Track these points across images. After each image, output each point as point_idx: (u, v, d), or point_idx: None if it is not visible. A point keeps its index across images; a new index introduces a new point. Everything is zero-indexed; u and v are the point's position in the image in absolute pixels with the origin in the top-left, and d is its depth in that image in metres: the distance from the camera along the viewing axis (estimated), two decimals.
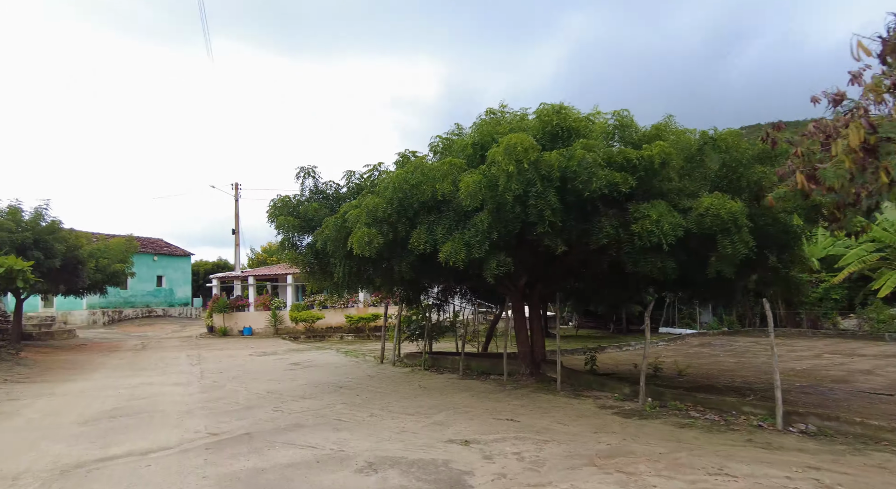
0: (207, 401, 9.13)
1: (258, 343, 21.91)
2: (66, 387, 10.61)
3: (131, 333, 27.35)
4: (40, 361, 14.77)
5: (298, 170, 9.92)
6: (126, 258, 21.32)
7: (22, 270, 12.08)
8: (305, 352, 17.92)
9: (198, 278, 41.35)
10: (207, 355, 17.53)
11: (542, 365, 10.89)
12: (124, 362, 15.72)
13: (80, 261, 16.16)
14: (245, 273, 26.86)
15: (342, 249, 8.52)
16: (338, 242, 8.44)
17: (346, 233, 8.24)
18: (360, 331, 24.49)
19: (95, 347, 20.57)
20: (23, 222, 13.99)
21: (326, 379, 11.70)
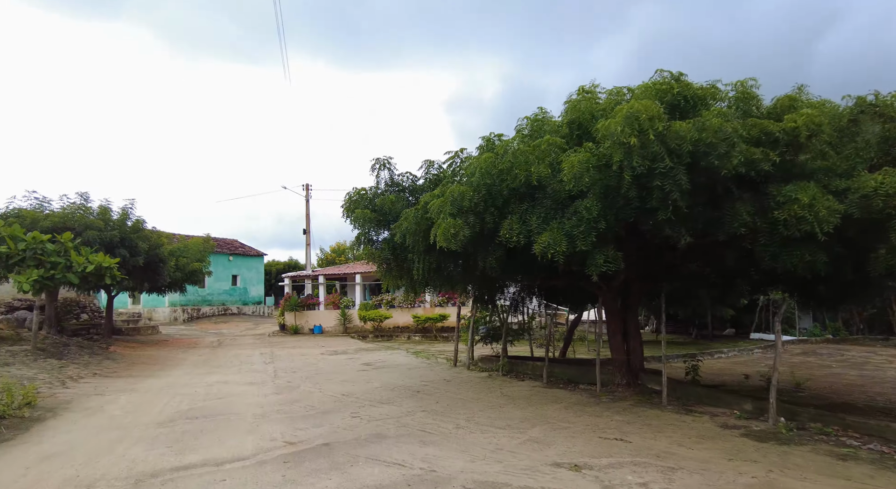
0: (282, 403, 8.67)
1: (328, 341, 21.82)
2: (147, 384, 10.57)
3: (208, 330, 28.25)
4: (126, 356, 15.15)
5: (373, 161, 9.29)
6: (204, 257, 21.86)
7: (110, 267, 12.27)
8: (375, 352, 17.47)
9: (270, 277, 42.54)
10: (280, 353, 17.47)
11: (640, 374, 9.66)
12: (202, 359, 15.88)
13: (161, 260, 16.53)
14: (315, 272, 27.04)
15: (422, 243, 7.77)
16: (417, 236, 7.69)
17: (426, 225, 7.47)
18: (427, 332, 23.91)
19: (176, 343, 21.20)
20: (111, 221, 14.41)
21: (401, 382, 11.04)
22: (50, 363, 11.30)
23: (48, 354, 11.95)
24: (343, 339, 23.12)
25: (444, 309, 24.33)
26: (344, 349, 18.72)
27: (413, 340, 23.26)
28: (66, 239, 12.13)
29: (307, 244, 27.05)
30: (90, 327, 20.93)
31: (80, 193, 14.45)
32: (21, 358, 11.18)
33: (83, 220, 13.65)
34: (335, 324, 25.56)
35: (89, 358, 12.96)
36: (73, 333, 19.97)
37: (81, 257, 12.05)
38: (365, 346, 19.98)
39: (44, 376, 10.05)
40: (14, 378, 9.46)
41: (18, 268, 11.69)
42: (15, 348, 11.84)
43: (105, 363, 12.85)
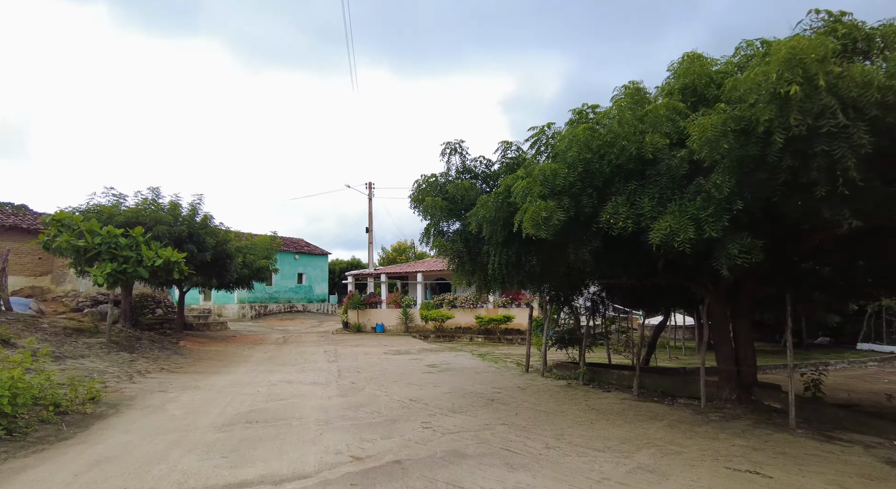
0: (347, 407, 7.93)
1: (390, 340, 21.28)
2: (211, 381, 10.21)
3: (275, 327, 28.59)
4: (195, 351, 15.15)
5: (444, 145, 8.39)
6: (270, 255, 21.93)
7: (177, 262, 12.14)
8: (439, 353, 16.64)
9: (333, 276, 42.99)
10: (343, 352, 17.02)
11: (753, 388, 8.17)
12: (266, 356, 15.65)
13: (228, 256, 16.51)
14: (377, 271, 26.72)
15: (501, 233, 6.77)
16: (496, 224, 6.70)
17: (508, 211, 6.47)
18: (491, 334, 22.85)
19: (243, 340, 21.35)
20: (180, 216, 14.46)
21: (471, 387, 10.08)
22: (121, 356, 11.23)
23: (121, 348, 11.94)
24: (405, 339, 22.52)
25: (508, 310, 23.19)
26: (407, 349, 18.04)
27: (476, 342, 22.29)
28: (137, 233, 12.10)
29: (369, 242, 26.75)
30: (164, 322, 21.47)
31: (151, 189, 14.64)
32: (96, 350, 11.18)
33: (154, 215, 13.73)
34: (397, 323, 25.04)
35: (159, 352, 12.91)
36: (147, 327, 20.51)
37: (151, 251, 11.97)
38: (427, 347, 19.22)
39: (114, 370, 9.89)
40: (85, 371, 9.34)
41: (95, 262, 11.74)
42: (92, 340, 11.91)
43: (173, 358, 12.75)
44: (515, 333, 22.66)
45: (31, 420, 5.95)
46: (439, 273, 25.25)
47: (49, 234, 11.50)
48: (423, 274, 25.07)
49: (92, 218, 12.04)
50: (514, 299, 23.14)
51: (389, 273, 26.10)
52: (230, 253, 16.57)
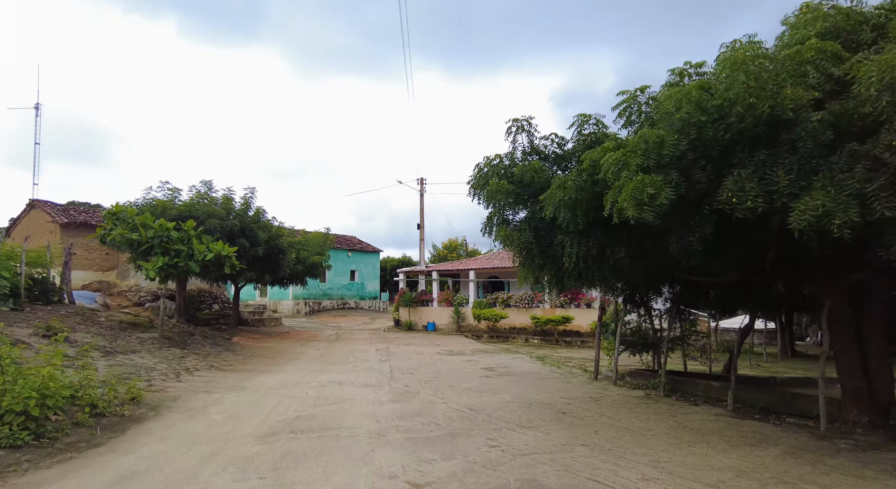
0: (400, 416, 7.07)
1: (443, 340, 20.45)
2: (259, 381, 9.66)
3: (327, 323, 28.45)
4: (247, 348, 14.85)
5: (510, 123, 7.36)
6: (324, 251, 21.61)
7: (228, 256, 11.76)
8: (495, 355, 15.61)
9: (384, 274, 42.77)
10: (395, 350, 16.32)
11: (891, 410, 6.67)
12: (318, 353, 15.16)
13: (280, 251, 16.16)
14: (429, 268, 26.00)
15: (581, 219, 5.69)
16: (576, 209, 5.63)
17: (593, 192, 5.39)
18: (548, 335, 21.56)
19: (296, 336, 21.13)
20: (233, 210, 14.17)
21: (536, 396, 9.01)
22: (172, 352, 10.91)
23: (173, 343, 11.66)
24: (457, 338, 21.63)
25: (566, 310, 21.82)
26: (460, 349, 17.13)
27: (532, 344, 21.08)
28: (189, 227, 11.79)
29: (420, 239, 26.06)
30: (219, 317, 21.57)
31: (204, 182, 14.45)
32: (148, 346, 10.92)
33: (206, 208, 13.48)
34: (449, 321, 24.20)
35: (210, 349, 12.60)
36: (203, 323, 20.62)
37: (202, 245, 11.62)
38: (481, 347, 18.24)
39: (162, 367, 9.52)
40: (133, 367, 8.98)
41: (149, 256, 11.52)
42: (145, 335, 11.71)
43: (224, 355, 12.39)
44: (574, 335, 21.29)
45: (63, 423, 5.43)
46: (492, 271, 24.21)
47: (105, 227, 11.35)
48: (476, 271, 24.12)
49: (146, 212, 11.83)
50: (573, 299, 21.75)
51: (441, 270, 25.33)
52: (283, 248, 16.21)
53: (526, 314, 22.40)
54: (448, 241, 41.67)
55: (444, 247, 42.08)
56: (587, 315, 21.33)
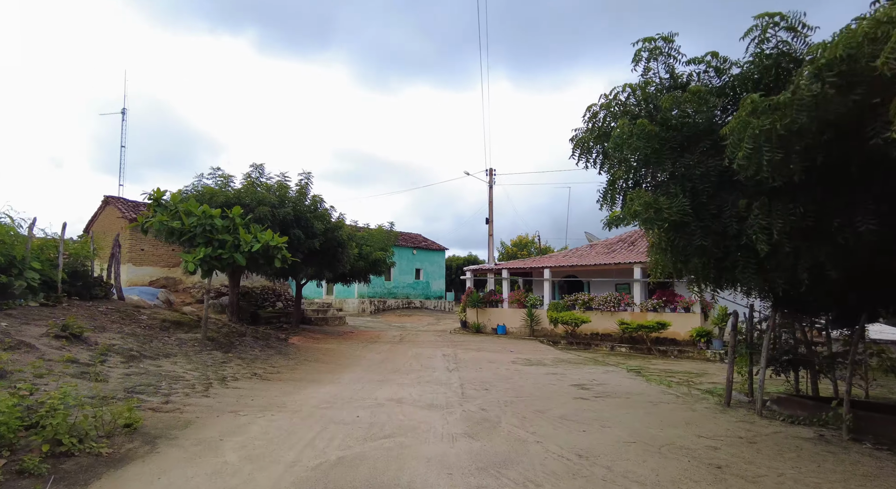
0: (481, 465, 4.89)
1: (516, 345, 18.09)
2: (303, 396, 7.84)
3: (392, 323, 26.89)
4: (303, 350, 13.29)
5: (639, 44, 4.96)
6: (387, 247, 19.94)
7: (278, 247, 10.13)
8: (581, 367, 13.06)
9: (450, 273, 40.92)
10: (464, 357, 14.19)
11: None
12: (379, 358, 13.33)
13: (339, 244, 14.50)
14: (499, 265, 23.71)
15: (798, 163, 3.22)
16: (793, 144, 3.17)
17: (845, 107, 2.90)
18: (637, 343, 18.57)
19: (359, 336, 19.57)
20: (286, 197, 12.62)
21: (660, 431, 6.50)
22: (212, 356, 9.39)
23: (216, 345, 10.19)
24: (531, 344, 19.16)
25: (659, 314, 18.72)
26: (538, 358, 14.71)
27: (619, 353, 18.21)
28: (235, 214, 10.29)
29: (489, 234, 23.80)
30: (281, 315, 20.45)
31: (255, 166, 12.97)
32: (187, 348, 9.47)
33: (256, 195, 11.99)
34: (521, 324, 21.75)
35: (259, 351, 11.05)
36: (265, 321, 19.52)
37: (249, 235, 10.05)
38: (562, 356, 15.69)
39: (193, 375, 7.93)
40: (157, 376, 7.42)
41: (189, 247, 10.13)
42: (188, 336, 10.33)
43: (273, 359, 10.79)
44: (670, 344, 18.17)
45: None
46: (570, 269, 21.49)
47: (147, 215, 10.07)
48: (552, 270, 21.51)
49: (191, 198, 10.44)
50: (668, 302, 18.62)
51: (512, 268, 22.95)
52: (342, 241, 14.54)
53: (611, 318, 19.52)
54: (517, 237, 38.97)
55: (512, 244, 39.41)
56: (685, 320, 18.15)
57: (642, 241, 22.76)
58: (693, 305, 18.11)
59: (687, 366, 15.14)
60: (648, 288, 19.95)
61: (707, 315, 18.52)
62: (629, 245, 22.77)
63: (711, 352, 16.99)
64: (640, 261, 19.40)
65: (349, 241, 15.16)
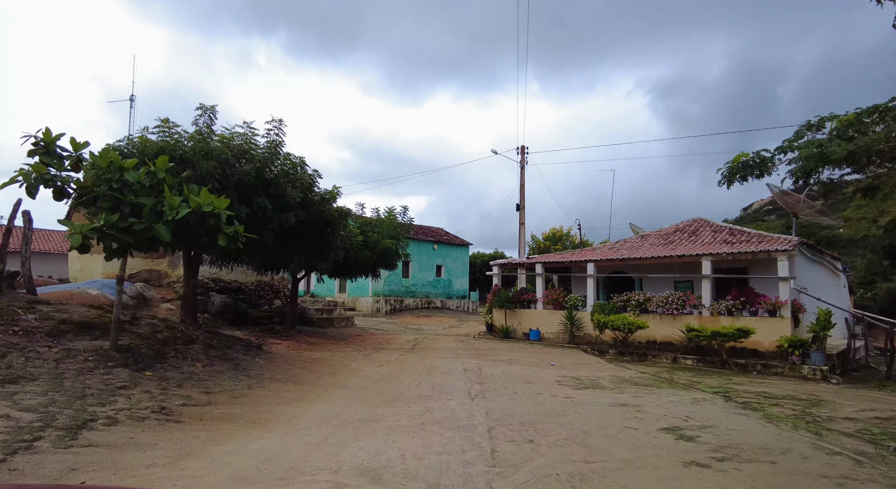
0: None
1: (555, 355, 14.36)
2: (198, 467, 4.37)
3: (408, 325, 23.43)
4: (279, 361, 9.92)
5: None
6: (399, 235, 16.45)
7: (216, 214, 6.70)
8: (656, 392, 9.27)
9: (475, 271, 37.29)
10: (492, 373, 10.58)
11: None
12: (378, 375, 9.86)
13: (327, 222, 10.94)
14: (531, 259, 19.94)
15: None
16: None
17: None
18: (707, 354, 14.58)
19: (364, 341, 16.14)
20: (250, 153, 8.99)
21: None
22: (109, 378, 6.05)
23: (129, 360, 6.84)
24: (574, 354, 15.38)
25: (735, 318, 14.68)
26: (591, 376, 10.97)
27: (684, 366, 14.27)
28: (160, 166, 6.94)
29: (520, 223, 20.07)
30: (274, 315, 17.20)
31: (203, 108, 9.19)
32: (73, 364, 6.16)
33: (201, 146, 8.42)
34: (559, 329, 17.96)
35: (202, 367, 7.67)
36: (254, 322, 16.30)
37: (178, 198, 6.68)
38: (620, 373, 11.90)
39: (31, 416, 4.54)
40: None
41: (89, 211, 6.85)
42: (89, 345, 7.02)
43: (218, 379, 7.38)
44: (750, 356, 14.15)
45: None
46: (619, 264, 17.60)
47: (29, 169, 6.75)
48: (596, 264, 17.66)
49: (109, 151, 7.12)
50: (749, 303, 14.57)
51: (547, 262, 19.18)
52: (331, 218, 10.99)
53: (672, 323, 15.56)
54: (550, 231, 34.79)
55: (545, 238, 35.21)
56: (770, 327, 14.10)
57: (706, 231, 18.70)
58: (782, 307, 14.03)
59: (783, 387, 11.18)
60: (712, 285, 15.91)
61: (798, 320, 14.41)
62: (690, 235, 18.73)
63: (809, 369, 12.92)
64: (711, 252, 15.40)
65: (341, 220, 11.55)
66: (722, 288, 15.64)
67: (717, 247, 16.15)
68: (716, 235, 17.96)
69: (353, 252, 14.68)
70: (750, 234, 17.23)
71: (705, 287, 15.40)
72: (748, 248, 14.96)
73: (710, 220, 19.87)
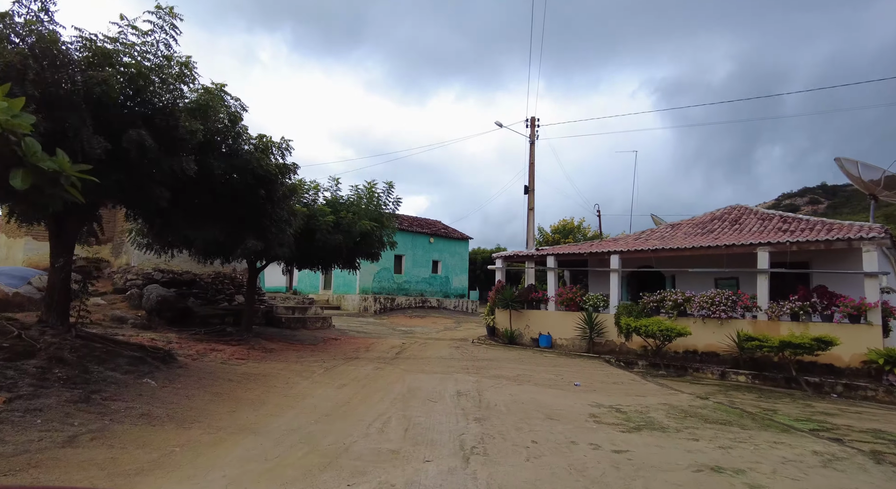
0: None
1: (576, 370, 11.12)
2: None
3: (397, 327, 20.21)
4: (201, 379, 6.74)
5: None
6: (382, 218, 13.19)
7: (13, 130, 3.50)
8: (738, 435, 6.03)
9: (474, 268, 34.08)
10: (496, 399, 7.35)
11: None
12: (335, 399, 6.66)
13: (260, 180, 7.43)
14: (542, 251, 16.70)
15: None
16: None
17: None
18: (768, 369, 11.35)
19: (339, 347, 12.94)
20: (116, 58, 5.47)
21: None
22: None
23: None
24: (597, 367, 12.16)
25: (802, 324, 11.42)
26: (635, 404, 7.72)
27: (738, 383, 11.05)
28: None
29: (529, 208, 16.85)
30: (231, 314, 14.01)
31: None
32: None
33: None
34: (574, 334, 14.74)
35: (4, 404, 4.44)
36: (202, 322, 13.12)
37: None
38: (668, 398, 8.67)
39: None
40: None
41: None
42: None
43: (13, 430, 4.16)
44: (824, 372, 10.92)
45: None
46: (650, 255, 14.36)
47: None
48: (622, 257, 14.45)
49: None
50: (826, 303, 11.32)
51: (561, 255, 15.97)
52: (266, 174, 7.44)
53: (720, 329, 12.33)
54: (559, 222, 31.34)
55: (553, 230, 31.83)
56: (854, 336, 10.86)
57: (750, 219, 15.46)
58: (869, 311, 10.79)
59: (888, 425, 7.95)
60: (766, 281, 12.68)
61: (888, 327, 11.18)
62: (732, 223, 15.50)
63: None
64: (770, 241, 12.16)
65: (283, 179, 8.05)
66: (777, 287, 12.42)
67: (775, 235, 12.92)
68: (764, 223, 14.73)
69: (322, 235, 11.49)
70: (809, 222, 13.99)
71: (762, 284, 12.16)
72: (819, 237, 11.72)
73: (752, 207, 16.64)
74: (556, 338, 15.18)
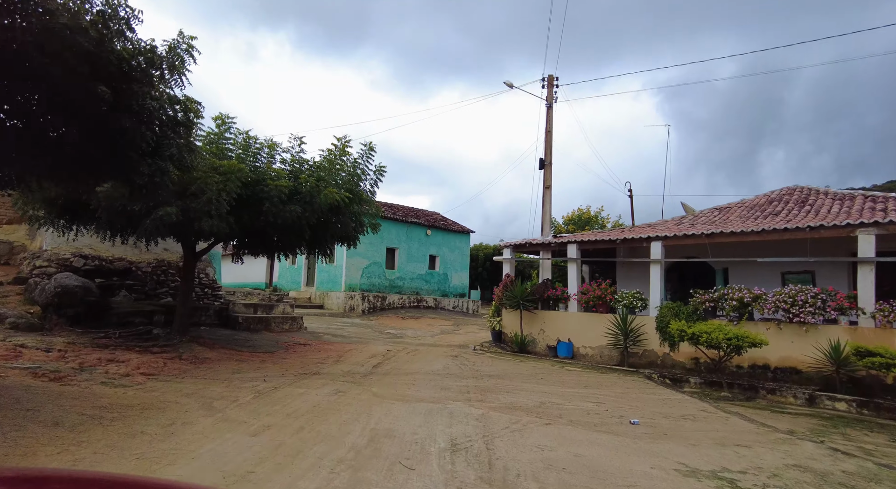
0: None
1: (621, 394, 7.92)
2: None
3: (386, 329, 17.05)
4: (41, 411, 3.62)
5: None
6: (357, 190, 10.04)
7: None
8: None
9: (476, 265, 30.93)
10: (514, 458, 4.18)
11: None
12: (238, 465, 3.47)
13: (162, 123, 4.25)
14: (563, 238, 13.51)
15: None
16: None
17: None
18: (876, 394, 8.17)
19: (302, 356, 9.80)
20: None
21: None
22: None
23: None
24: (642, 388, 8.99)
25: None
26: (750, 468, 4.51)
27: (839, 413, 7.87)
28: None
29: (545, 186, 13.68)
30: (159, 313, 10.89)
31: None
32: None
33: None
34: (603, 342, 11.57)
35: None
36: (119, 323, 10.02)
37: None
38: (775, 445, 5.48)
39: None
40: None
41: None
42: None
43: None
44: None
45: None
46: (701, 241, 11.14)
47: None
48: (665, 243, 11.29)
49: None
50: None
51: (585, 242, 12.72)
52: (171, 120, 4.34)
53: (804, 338, 9.18)
54: (574, 212, 27.71)
55: (566, 221, 28.23)
56: None
57: (823, 199, 12.32)
58: None
59: None
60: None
61: None
62: (799, 204, 12.34)
63: None
64: (877, 221, 8.99)
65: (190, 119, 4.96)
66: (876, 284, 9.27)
67: (873, 215, 9.76)
68: (844, 203, 11.58)
69: (273, 206, 8.37)
70: None
71: (865, 279, 8.99)
72: None
73: (820, 187, 13.50)
74: (579, 346, 12.03)
